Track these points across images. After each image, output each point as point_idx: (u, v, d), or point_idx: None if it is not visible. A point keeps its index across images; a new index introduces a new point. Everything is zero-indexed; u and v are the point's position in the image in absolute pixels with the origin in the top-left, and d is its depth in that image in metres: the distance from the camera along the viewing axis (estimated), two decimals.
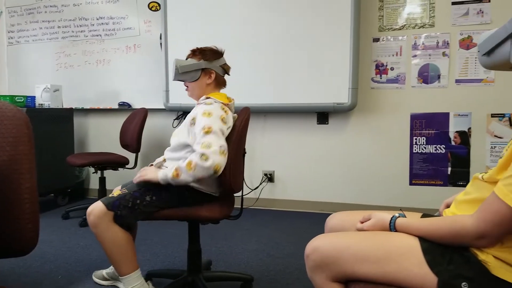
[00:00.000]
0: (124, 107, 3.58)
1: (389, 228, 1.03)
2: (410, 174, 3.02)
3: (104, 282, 1.88)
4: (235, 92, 2.03)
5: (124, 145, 3.10)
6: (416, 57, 2.95)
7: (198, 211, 1.55)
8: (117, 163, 2.96)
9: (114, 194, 1.51)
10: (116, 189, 1.59)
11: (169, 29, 3.28)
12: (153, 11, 3.46)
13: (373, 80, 3.05)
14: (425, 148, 2.97)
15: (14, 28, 3.90)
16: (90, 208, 1.48)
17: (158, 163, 1.68)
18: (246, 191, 3.30)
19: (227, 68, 1.71)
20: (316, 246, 1.02)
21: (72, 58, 3.74)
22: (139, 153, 3.02)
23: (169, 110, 3.41)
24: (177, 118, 3.50)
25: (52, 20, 3.77)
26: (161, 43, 3.35)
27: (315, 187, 3.23)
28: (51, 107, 3.28)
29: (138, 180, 1.53)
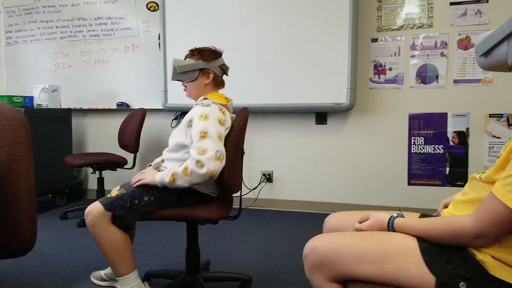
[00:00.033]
0: (123, 107, 3.57)
1: (387, 228, 1.03)
2: (409, 174, 3.02)
3: (102, 282, 1.88)
4: (234, 92, 2.03)
5: (123, 145, 3.10)
6: (414, 57, 2.95)
7: (197, 211, 1.55)
8: (116, 163, 2.96)
9: (112, 195, 1.51)
10: (114, 189, 1.58)
11: (167, 29, 3.28)
12: (151, 11, 3.46)
13: (371, 81, 3.06)
14: (423, 148, 2.98)
15: (12, 28, 3.90)
16: (88, 208, 1.48)
17: (156, 163, 1.69)
18: (244, 191, 3.30)
19: (226, 68, 1.71)
20: (314, 246, 1.02)
21: (70, 58, 3.74)
22: (137, 153, 3.02)
23: (167, 110, 3.41)
24: (175, 119, 3.50)
25: (50, 20, 3.76)
26: (159, 43, 3.35)
27: (313, 187, 3.23)
28: (49, 107, 3.27)
29: (136, 184, 1.55)
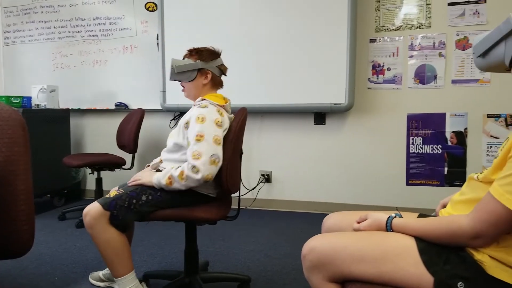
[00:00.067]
0: (121, 107, 3.57)
1: (385, 228, 1.03)
2: (407, 174, 3.03)
3: (101, 283, 1.88)
4: (232, 92, 2.03)
5: (121, 145, 3.09)
6: (412, 58, 2.96)
7: (195, 211, 1.55)
8: (114, 163, 2.96)
9: (111, 195, 1.51)
10: (113, 189, 1.58)
11: (166, 29, 3.27)
12: (150, 11, 3.45)
13: (370, 81, 3.06)
14: (421, 148, 2.98)
15: (10, 28, 3.89)
16: (87, 209, 1.47)
17: (155, 164, 1.69)
18: (243, 191, 3.30)
19: (224, 68, 1.71)
20: (313, 246, 1.02)
21: (68, 59, 3.73)
22: (136, 153, 3.01)
23: (166, 110, 3.40)
24: (174, 119, 3.50)
25: (48, 20, 3.76)
26: (158, 43, 3.35)
27: (312, 188, 3.23)
28: (47, 107, 3.27)
29: (133, 184, 1.56)
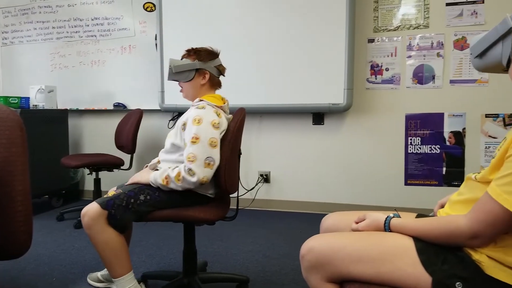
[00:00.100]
0: (119, 108, 3.56)
1: (383, 228, 1.04)
2: (405, 174, 3.03)
3: (99, 284, 1.87)
4: (231, 93, 2.03)
5: (119, 146, 3.09)
6: (410, 58, 2.96)
7: (194, 212, 1.55)
8: (112, 164, 2.95)
9: (109, 195, 1.51)
10: (111, 190, 1.58)
11: (164, 29, 3.27)
12: (148, 11, 3.45)
13: (368, 81, 3.06)
14: (420, 148, 2.99)
15: (8, 29, 3.88)
16: (85, 209, 1.47)
17: (153, 164, 1.69)
18: (242, 191, 3.30)
19: (222, 69, 1.71)
20: (311, 247, 1.02)
21: (66, 59, 3.72)
22: (134, 154, 3.01)
23: (164, 111, 3.40)
24: (172, 119, 3.49)
25: (46, 21, 3.75)
26: (156, 43, 3.34)
27: (310, 188, 3.23)
28: (45, 108, 3.26)
29: (130, 182, 1.57)
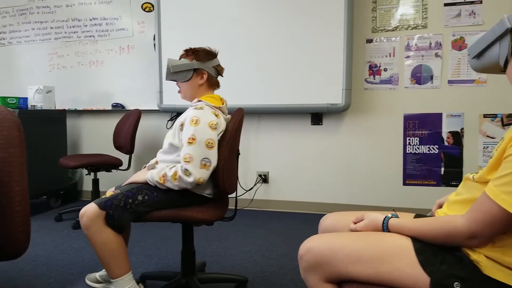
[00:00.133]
0: (118, 108, 3.56)
1: (382, 228, 1.04)
2: (404, 175, 3.04)
3: (97, 285, 1.87)
4: (229, 93, 2.03)
5: (118, 146, 3.08)
6: (409, 58, 2.97)
7: (192, 212, 1.54)
8: (111, 164, 2.95)
9: (107, 196, 1.51)
10: (109, 190, 1.58)
11: (162, 30, 3.27)
12: (146, 12, 3.45)
13: (366, 81, 3.07)
14: (418, 148, 2.99)
15: (6, 29, 3.87)
16: (83, 210, 1.47)
17: (151, 165, 1.69)
18: (240, 192, 3.30)
19: (221, 69, 1.71)
20: (309, 247, 1.02)
21: (65, 59, 3.72)
22: (132, 154, 3.00)
23: (162, 111, 3.40)
24: (171, 119, 3.49)
25: (44, 21, 3.74)
26: (154, 44, 3.34)
27: (309, 188, 3.23)
28: (43, 108, 3.25)
29: (127, 182, 1.58)
